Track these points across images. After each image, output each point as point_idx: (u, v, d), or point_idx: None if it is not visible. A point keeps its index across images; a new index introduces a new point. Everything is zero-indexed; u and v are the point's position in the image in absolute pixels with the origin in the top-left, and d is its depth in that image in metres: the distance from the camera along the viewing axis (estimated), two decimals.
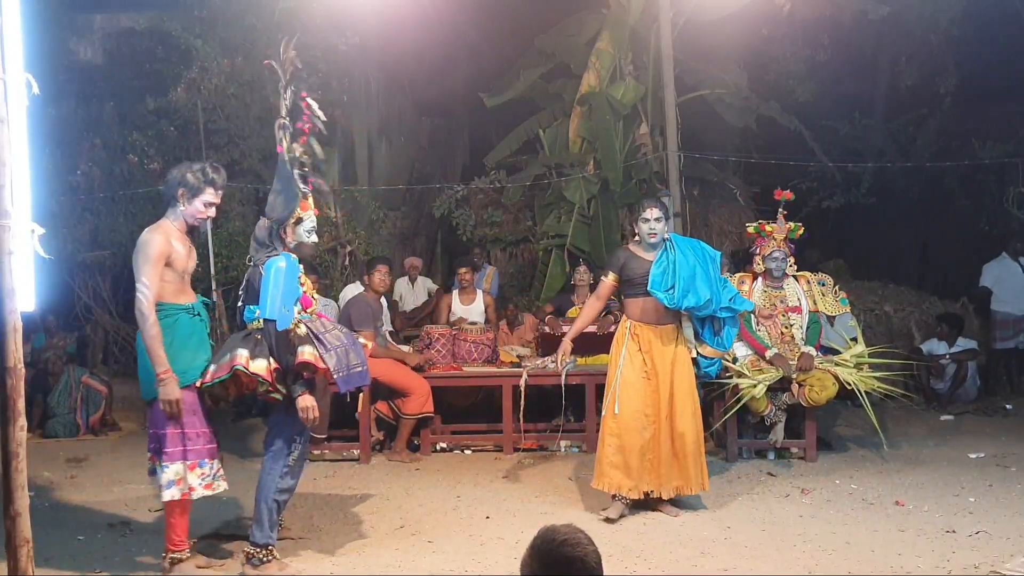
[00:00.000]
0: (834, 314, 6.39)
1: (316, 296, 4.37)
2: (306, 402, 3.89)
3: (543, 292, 9.28)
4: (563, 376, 5.97)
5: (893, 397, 6.02)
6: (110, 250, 9.43)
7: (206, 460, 3.89)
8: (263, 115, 9.28)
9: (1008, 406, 7.85)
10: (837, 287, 6.38)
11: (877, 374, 6.00)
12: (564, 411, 6.48)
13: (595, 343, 6.33)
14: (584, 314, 5.04)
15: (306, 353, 3.88)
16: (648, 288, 4.71)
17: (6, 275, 2.51)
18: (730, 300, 4.83)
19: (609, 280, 4.92)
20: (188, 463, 3.85)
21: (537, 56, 9.98)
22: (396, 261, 9.10)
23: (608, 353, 5.01)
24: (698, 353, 4.92)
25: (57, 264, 8.39)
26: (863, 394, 5.82)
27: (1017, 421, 7.42)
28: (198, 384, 3.89)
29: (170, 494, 3.82)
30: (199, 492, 3.87)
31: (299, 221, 4.10)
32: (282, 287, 3.86)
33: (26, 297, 2.61)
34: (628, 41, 9.63)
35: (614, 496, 4.77)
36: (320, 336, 3.94)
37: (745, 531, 4.53)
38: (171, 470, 3.82)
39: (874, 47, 11.02)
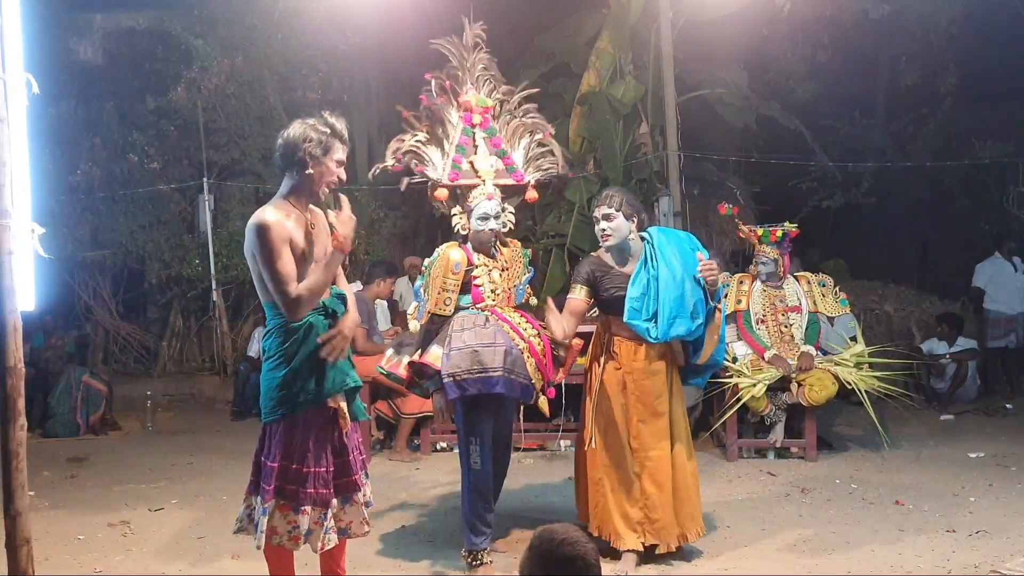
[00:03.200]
0: (834, 315, 6.40)
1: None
2: (434, 403, 3.98)
3: (543, 292, 9.27)
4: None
5: (893, 397, 6.02)
6: (110, 250, 9.44)
7: (305, 506, 3.09)
8: (263, 115, 9.29)
9: (1008, 406, 7.86)
10: (837, 288, 6.38)
11: (877, 374, 6.01)
12: (564, 411, 6.48)
13: None
14: (560, 332, 3.93)
15: (429, 354, 3.85)
16: (625, 319, 3.91)
17: (6, 275, 2.51)
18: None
19: (581, 298, 4.01)
20: (280, 502, 3.10)
21: (537, 56, 9.98)
22: (396, 261, 9.10)
23: None
24: (689, 365, 4.10)
25: (57, 264, 8.40)
26: (863, 393, 5.83)
27: (1017, 421, 7.42)
28: (335, 401, 3.14)
29: (264, 537, 3.09)
30: (281, 540, 3.11)
31: (470, 210, 3.97)
32: (427, 278, 3.94)
33: (26, 297, 2.61)
34: (628, 41, 9.63)
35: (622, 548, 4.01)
36: (457, 333, 3.83)
37: (745, 531, 4.53)
38: (269, 512, 3.09)
39: (874, 47, 11.03)
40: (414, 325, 4.05)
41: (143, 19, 9.72)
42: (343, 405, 3.16)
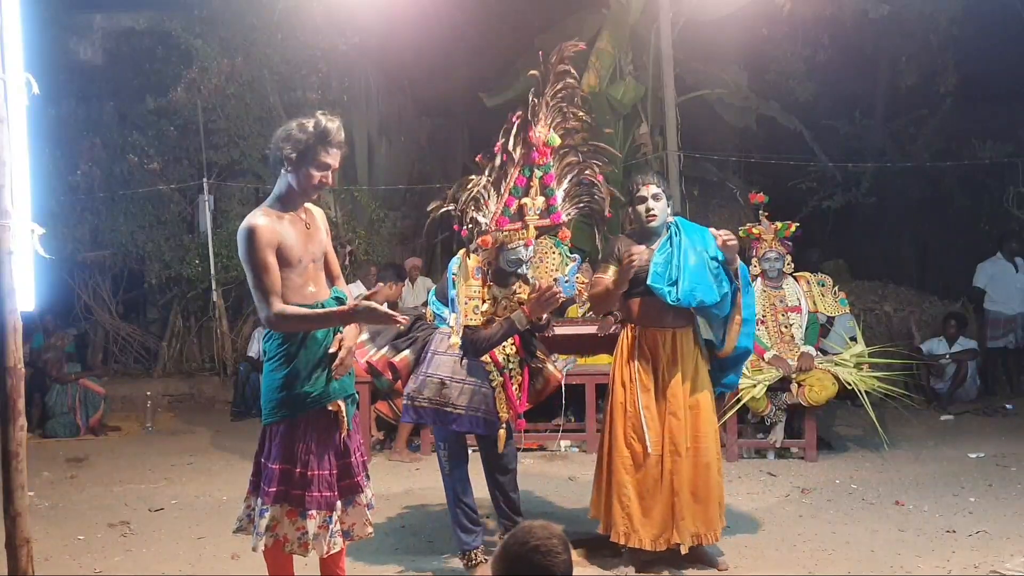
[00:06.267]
0: (834, 315, 6.40)
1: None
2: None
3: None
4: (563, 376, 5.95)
5: (893, 397, 6.02)
6: (110, 250, 9.45)
7: (312, 511, 3.07)
8: (263, 115, 9.29)
9: (1008, 406, 7.86)
10: (836, 288, 6.38)
11: (877, 374, 6.01)
12: (564, 411, 6.47)
13: (595, 343, 6.32)
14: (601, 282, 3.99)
15: (399, 359, 3.84)
16: (648, 281, 3.85)
17: (6, 275, 2.50)
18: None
19: (609, 277, 3.98)
20: (287, 508, 3.09)
21: (537, 56, 9.97)
22: (396, 261, 9.10)
23: (609, 353, 4.71)
24: (716, 362, 4.01)
25: (57, 264, 8.40)
26: (863, 394, 5.83)
27: (1017, 421, 7.42)
28: (335, 405, 3.13)
29: (262, 542, 3.07)
30: (292, 547, 3.11)
31: (502, 247, 3.74)
32: (458, 286, 3.75)
33: (26, 297, 2.60)
34: (628, 41, 9.63)
35: (627, 547, 3.93)
36: (433, 354, 3.79)
37: (745, 531, 4.53)
38: (268, 514, 3.07)
39: (874, 47, 11.01)
40: (455, 339, 3.72)
41: (143, 19, 9.74)
42: (343, 408, 3.16)
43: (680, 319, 3.89)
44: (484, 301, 3.74)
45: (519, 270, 3.78)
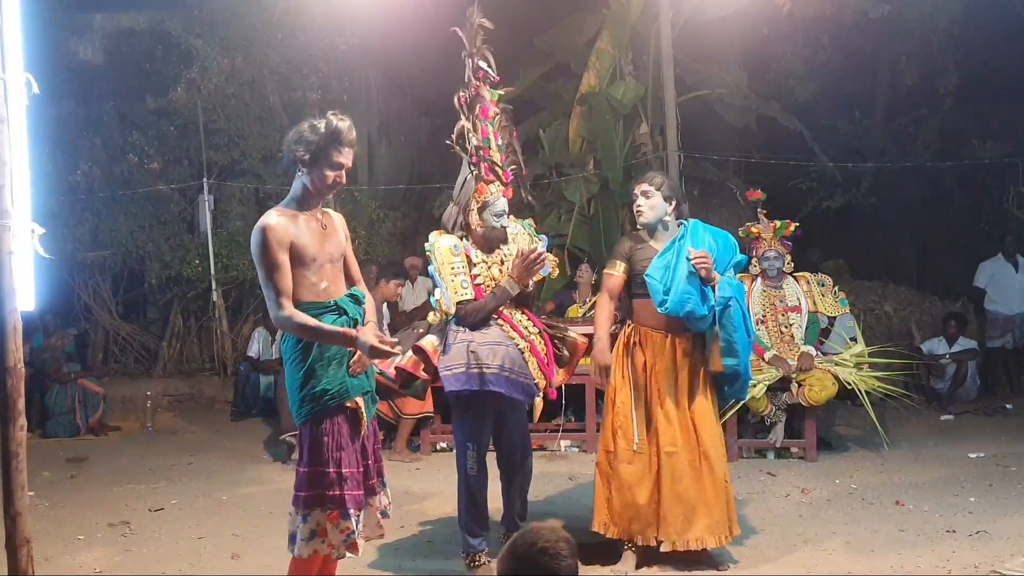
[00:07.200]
0: (834, 315, 6.40)
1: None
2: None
3: (543, 291, 9.28)
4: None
5: (893, 397, 6.02)
6: (110, 250, 9.44)
7: (352, 508, 3.05)
8: (263, 115, 9.29)
9: (1008, 406, 7.87)
10: (836, 288, 6.38)
11: (877, 374, 6.01)
12: (564, 411, 6.48)
13: None
14: (600, 317, 4.09)
15: (425, 342, 3.80)
16: (645, 274, 3.90)
17: (6, 275, 2.50)
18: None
19: (618, 274, 4.01)
20: (328, 512, 3.04)
21: (537, 56, 9.98)
22: (396, 261, 9.10)
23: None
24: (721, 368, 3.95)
25: (57, 264, 8.39)
26: (863, 394, 5.83)
27: (1017, 421, 7.42)
28: (354, 402, 3.13)
29: (310, 548, 3.03)
30: (339, 552, 3.07)
31: (485, 205, 3.83)
32: (435, 262, 3.79)
33: (26, 297, 2.60)
34: (628, 41, 9.64)
35: (625, 545, 4.01)
36: (454, 330, 3.78)
37: (745, 531, 4.52)
38: (311, 519, 3.03)
39: (874, 46, 11.01)
40: (432, 316, 3.93)
41: (143, 19, 9.73)
42: (362, 405, 3.16)
43: (680, 323, 3.88)
44: (470, 270, 3.80)
45: (503, 222, 3.86)
